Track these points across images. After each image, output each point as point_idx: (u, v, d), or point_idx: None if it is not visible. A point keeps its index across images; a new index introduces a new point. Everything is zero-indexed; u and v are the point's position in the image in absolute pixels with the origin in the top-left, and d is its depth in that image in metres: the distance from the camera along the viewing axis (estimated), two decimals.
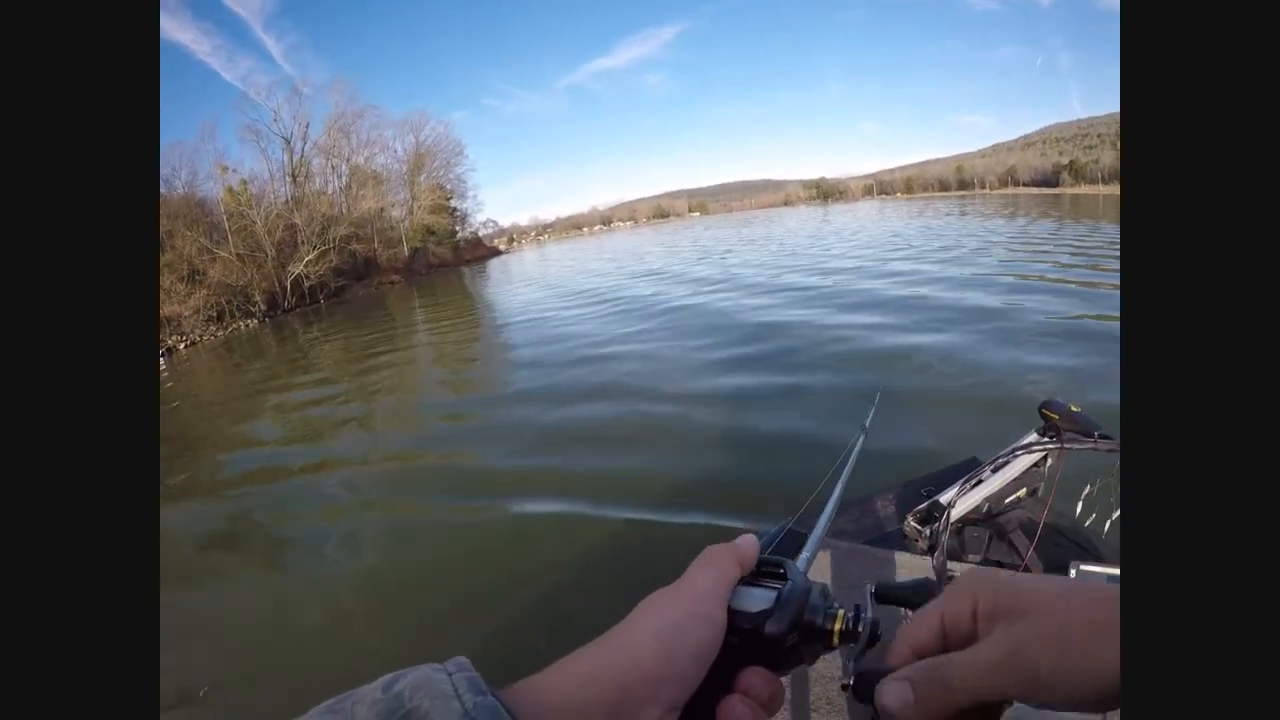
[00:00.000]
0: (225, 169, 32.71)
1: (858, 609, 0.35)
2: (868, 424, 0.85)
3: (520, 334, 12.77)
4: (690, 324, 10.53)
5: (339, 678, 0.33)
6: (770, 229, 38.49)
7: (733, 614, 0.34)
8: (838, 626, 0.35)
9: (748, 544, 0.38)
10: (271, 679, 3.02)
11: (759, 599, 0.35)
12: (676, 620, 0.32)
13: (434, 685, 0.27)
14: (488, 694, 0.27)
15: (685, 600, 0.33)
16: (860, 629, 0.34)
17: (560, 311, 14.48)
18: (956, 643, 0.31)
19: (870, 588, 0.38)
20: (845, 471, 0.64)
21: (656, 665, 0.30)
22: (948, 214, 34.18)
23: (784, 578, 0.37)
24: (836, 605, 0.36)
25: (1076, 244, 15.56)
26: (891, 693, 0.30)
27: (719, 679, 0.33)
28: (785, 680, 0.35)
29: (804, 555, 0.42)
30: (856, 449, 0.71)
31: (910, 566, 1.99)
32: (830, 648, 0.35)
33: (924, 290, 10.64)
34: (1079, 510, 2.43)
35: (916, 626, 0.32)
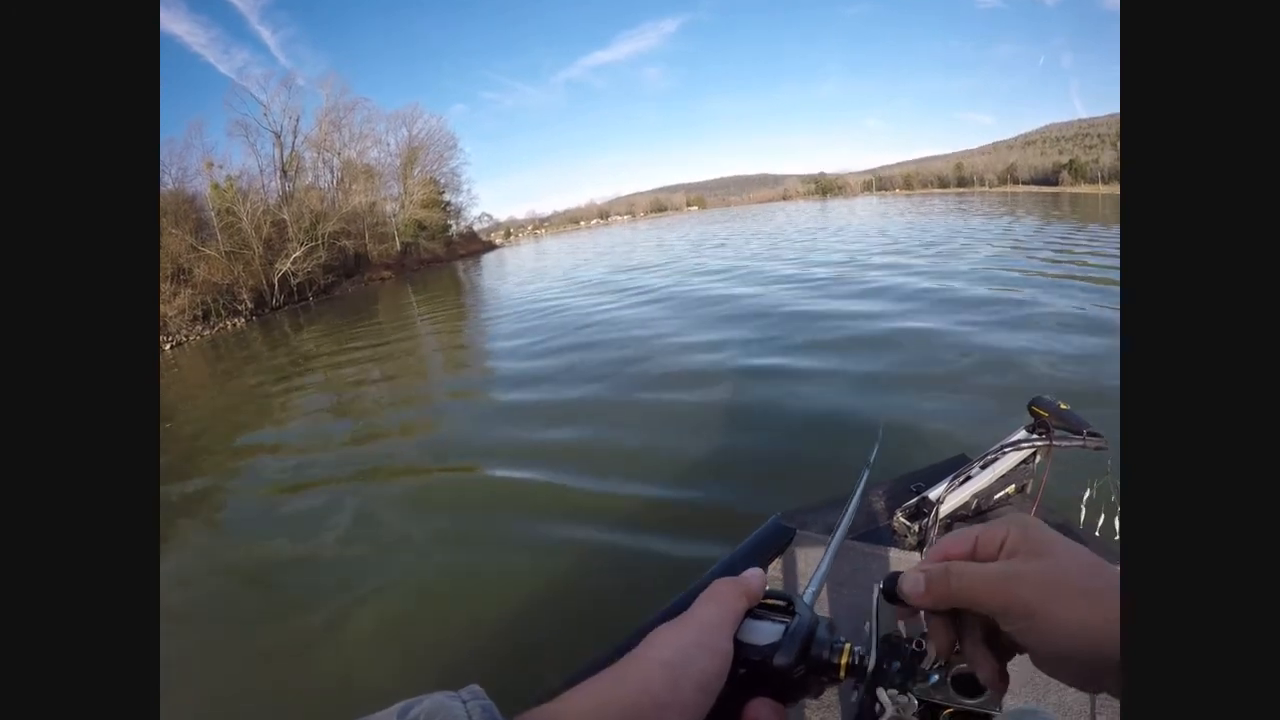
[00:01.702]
0: (212, 164, 32.23)
1: (863, 652, 0.37)
2: (871, 460, 0.83)
3: (512, 327, 12.68)
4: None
5: (349, 699, 0.33)
6: (745, 226, 38.20)
7: (741, 646, 0.35)
8: (844, 660, 0.36)
9: (754, 578, 0.39)
10: (281, 702, 2.93)
11: (767, 632, 0.36)
12: (683, 650, 0.33)
13: (449, 713, 0.27)
14: None
15: (692, 631, 0.35)
16: (866, 664, 0.36)
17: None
18: (983, 561, 0.34)
19: (878, 585, 0.39)
20: (851, 508, 0.63)
21: (663, 692, 0.31)
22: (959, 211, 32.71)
23: (791, 611, 0.38)
24: (843, 639, 0.37)
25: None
26: (909, 580, 0.35)
27: (727, 709, 0.34)
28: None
29: (809, 589, 0.44)
30: (861, 487, 0.70)
31: (898, 563, 1.99)
32: (836, 680, 0.37)
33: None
34: (1067, 507, 2.44)
35: (954, 540, 0.36)
